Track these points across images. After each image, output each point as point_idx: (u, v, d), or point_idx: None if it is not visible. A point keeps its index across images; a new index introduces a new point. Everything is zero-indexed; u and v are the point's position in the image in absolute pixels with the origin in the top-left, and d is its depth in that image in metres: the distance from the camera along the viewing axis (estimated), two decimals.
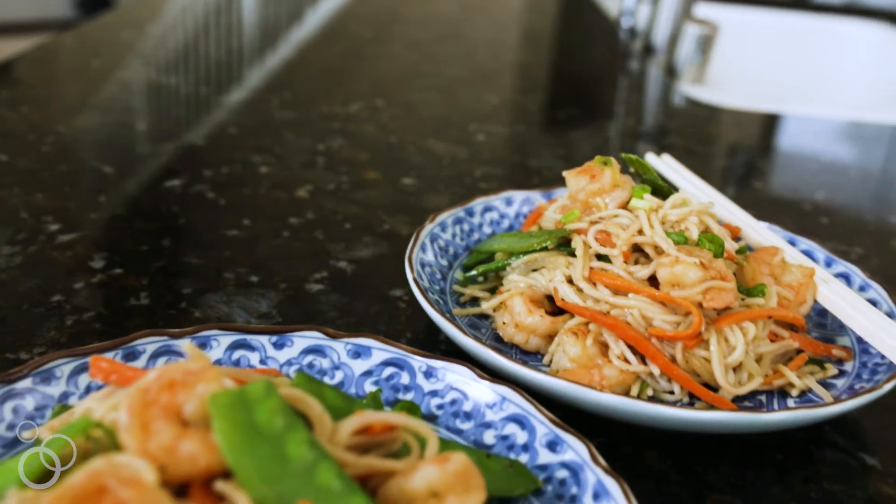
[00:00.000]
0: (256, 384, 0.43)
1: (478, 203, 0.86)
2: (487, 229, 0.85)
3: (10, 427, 0.52)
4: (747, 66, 2.23)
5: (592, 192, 0.73)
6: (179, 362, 0.44)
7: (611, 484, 0.49)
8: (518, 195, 0.89)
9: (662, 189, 0.76)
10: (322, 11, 2.11)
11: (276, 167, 1.07)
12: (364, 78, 1.56)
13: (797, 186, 1.26)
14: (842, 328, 0.74)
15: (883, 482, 0.62)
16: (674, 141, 1.41)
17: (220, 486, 0.40)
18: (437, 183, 1.08)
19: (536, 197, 0.89)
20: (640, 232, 0.69)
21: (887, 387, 0.62)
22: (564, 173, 0.77)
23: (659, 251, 0.68)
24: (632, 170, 0.78)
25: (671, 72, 1.94)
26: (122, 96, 1.34)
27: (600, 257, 0.69)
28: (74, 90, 1.35)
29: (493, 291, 0.75)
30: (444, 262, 0.79)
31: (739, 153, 1.43)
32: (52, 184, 0.96)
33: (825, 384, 0.68)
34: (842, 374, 0.69)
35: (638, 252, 0.70)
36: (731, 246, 0.70)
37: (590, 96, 1.74)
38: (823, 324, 0.76)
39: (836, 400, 0.60)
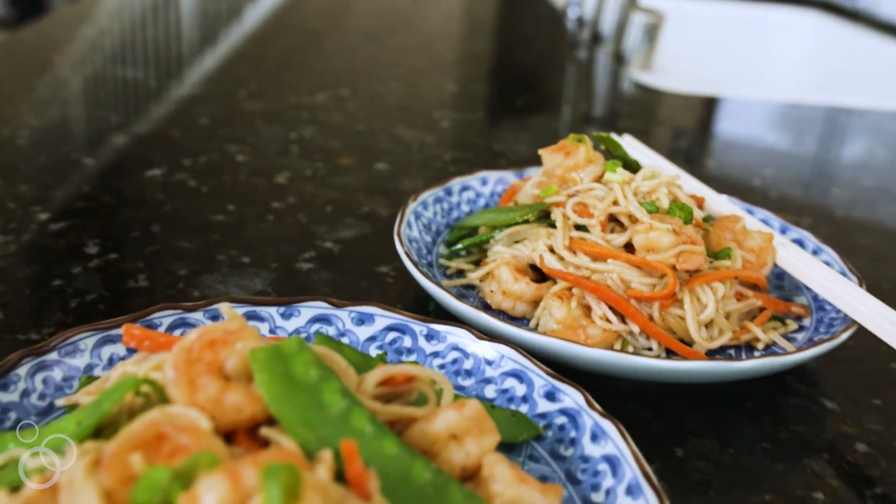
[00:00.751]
0: (290, 341, 0.47)
1: (455, 183, 0.90)
2: (465, 207, 0.90)
3: (42, 396, 0.54)
4: (692, 53, 2.31)
5: (569, 167, 0.78)
6: (217, 323, 0.47)
7: (607, 425, 0.54)
8: (492, 175, 0.93)
9: (632, 164, 0.81)
10: (276, 5, 2.13)
11: (252, 155, 1.10)
12: (326, 69, 1.59)
13: (746, 164, 1.33)
14: (798, 289, 0.80)
15: (842, 422, 0.68)
16: (626, 124, 1.47)
17: (266, 431, 0.44)
18: (409, 167, 1.12)
19: (509, 176, 0.94)
20: (615, 203, 0.74)
21: (844, 336, 0.68)
22: (540, 151, 0.82)
23: (633, 220, 0.73)
24: (602, 147, 0.84)
25: (620, 59, 2.01)
26: (90, 90, 1.36)
27: (579, 227, 0.74)
28: (41, 85, 1.36)
29: (477, 264, 0.80)
30: (429, 239, 0.83)
31: (688, 134, 1.50)
32: (34, 175, 0.98)
33: (787, 338, 0.74)
34: (801, 329, 0.75)
35: (613, 221, 0.75)
36: (698, 214, 0.76)
37: (544, 83, 1.80)
38: (781, 286, 0.82)
39: (799, 349, 0.66)
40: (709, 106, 1.65)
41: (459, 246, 0.80)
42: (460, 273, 0.80)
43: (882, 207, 1.19)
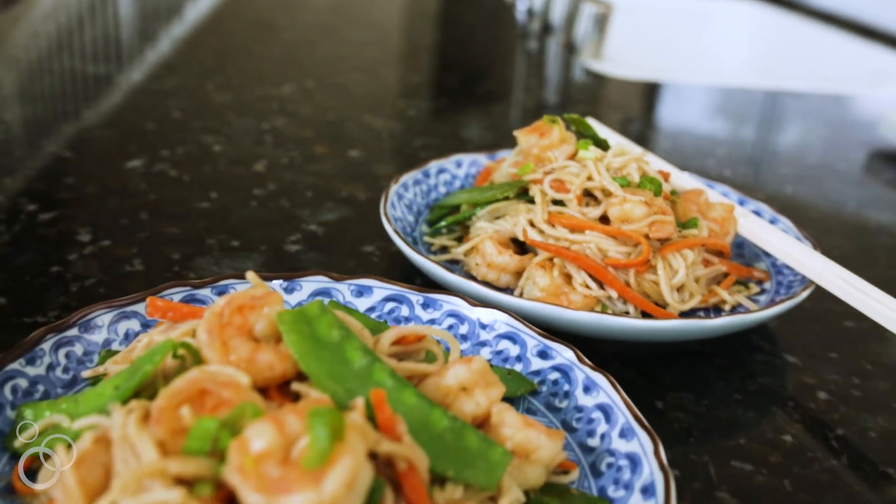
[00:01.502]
0: (311, 304, 0.51)
1: (433, 165, 0.94)
2: (442, 188, 0.94)
3: (66, 370, 0.57)
4: (641, 42, 2.38)
5: (544, 147, 0.83)
6: (244, 290, 0.51)
7: (598, 378, 0.59)
8: (466, 158, 0.98)
9: (602, 143, 0.86)
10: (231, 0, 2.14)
11: (227, 146, 1.12)
12: (288, 62, 1.61)
13: (698, 145, 1.40)
14: (757, 256, 0.86)
15: (804, 374, 0.74)
16: (580, 109, 1.51)
17: (297, 386, 0.48)
18: (382, 154, 1.16)
19: (482, 159, 0.98)
20: (590, 178, 0.79)
21: (803, 295, 0.74)
22: (515, 132, 0.87)
23: (607, 194, 0.78)
24: (573, 128, 0.88)
25: (571, 48, 2.07)
26: (58, 86, 1.36)
27: (556, 202, 0.79)
28: (8, 80, 1.36)
29: (459, 240, 0.84)
30: (411, 218, 0.87)
31: (639, 118, 1.56)
32: (16, 168, 1.00)
33: (751, 300, 0.79)
34: (763, 291, 0.81)
35: (588, 196, 0.80)
36: (666, 187, 0.81)
37: (499, 73, 1.84)
38: (742, 253, 0.88)
39: (763, 308, 0.72)
40: (657, 92, 1.72)
41: (443, 223, 0.84)
42: (444, 249, 0.84)
43: (827, 183, 1.26)
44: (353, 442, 0.41)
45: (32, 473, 0.49)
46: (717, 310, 0.78)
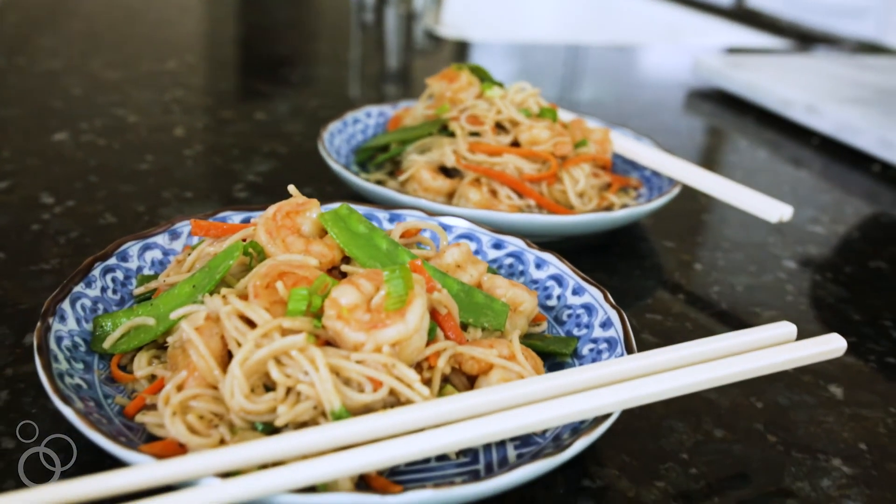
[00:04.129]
0: (341, 207, 0.64)
1: (349, 117, 1.07)
2: (359, 136, 1.07)
3: (115, 291, 0.67)
4: (475, 7, 2.57)
5: (456, 89, 0.98)
6: (288, 200, 0.63)
7: (547, 256, 0.75)
8: (374, 109, 1.11)
9: (498, 85, 1.02)
10: None
11: (142, 116, 1.20)
12: (160, 40, 1.67)
13: (548, 95, 1.60)
14: (627, 170, 1.06)
15: (680, 254, 0.94)
16: (423, 71, 1.69)
17: (345, 268, 0.61)
18: (286, 115, 1.27)
19: (388, 109, 1.12)
20: (499, 112, 0.95)
21: (675, 191, 0.93)
22: (427, 80, 1.02)
23: (514, 123, 0.95)
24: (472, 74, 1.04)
25: (411, 17, 2.22)
26: None
27: (472, 134, 0.95)
28: None
29: (391, 174, 0.98)
30: (342, 161, 1.00)
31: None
32: None
33: (633, 202, 0.99)
34: (639, 196, 1.01)
35: (498, 127, 0.96)
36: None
37: (343, 47, 1.97)
38: (615, 168, 1.07)
39: (648, 201, 0.91)
40: (504, 50, 1.91)
41: (379, 160, 0.98)
42: (379, 184, 0.98)
43: (660, 116, 1.49)
44: (419, 289, 0.55)
45: (122, 368, 0.60)
46: (609, 210, 0.97)
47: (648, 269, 0.90)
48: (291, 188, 0.65)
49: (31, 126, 1.13)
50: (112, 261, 0.68)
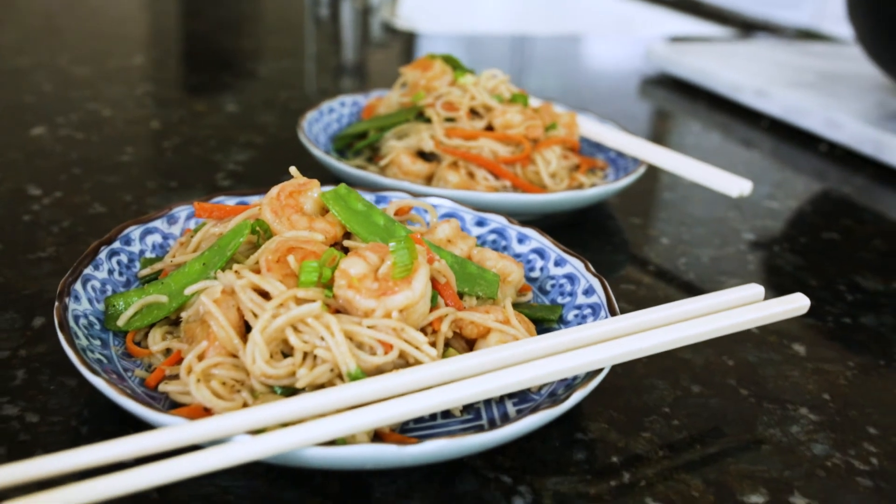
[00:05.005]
0: (340, 187, 0.67)
1: (324, 106, 1.11)
2: (335, 125, 1.11)
3: (120, 273, 0.70)
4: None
5: (430, 77, 1.02)
6: (290, 181, 0.67)
7: (530, 231, 0.79)
8: (348, 98, 1.15)
9: (470, 72, 1.06)
10: None
11: (116, 109, 1.22)
12: (117, 37, 1.68)
13: None
14: (593, 153, 1.11)
15: (647, 229, 1.00)
16: (381, 62, 1.73)
17: (348, 243, 0.65)
18: (258, 107, 1.30)
19: (361, 98, 1.16)
20: (473, 98, 0.99)
21: (641, 170, 0.99)
22: (401, 69, 1.06)
23: (487, 109, 0.99)
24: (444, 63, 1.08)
25: (367, 11, 2.25)
26: None
27: (448, 120, 0.99)
28: None
29: (370, 160, 1.02)
30: (322, 148, 1.03)
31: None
32: None
33: (602, 182, 1.04)
34: (606, 176, 1.06)
35: (472, 113, 1.00)
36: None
37: (298, 43, 2.00)
38: (581, 151, 1.12)
39: (617, 180, 0.96)
40: (458, 40, 1.95)
41: (358, 146, 1.02)
42: (360, 169, 1.01)
43: (617, 103, 1.55)
44: (422, 259, 0.59)
45: (136, 344, 0.63)
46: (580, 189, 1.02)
47: (619, 245, 0.95)
48: (293, 169, 0.68)
49: (7, 122, 1.15)
50: (116, 244, 0.71)
